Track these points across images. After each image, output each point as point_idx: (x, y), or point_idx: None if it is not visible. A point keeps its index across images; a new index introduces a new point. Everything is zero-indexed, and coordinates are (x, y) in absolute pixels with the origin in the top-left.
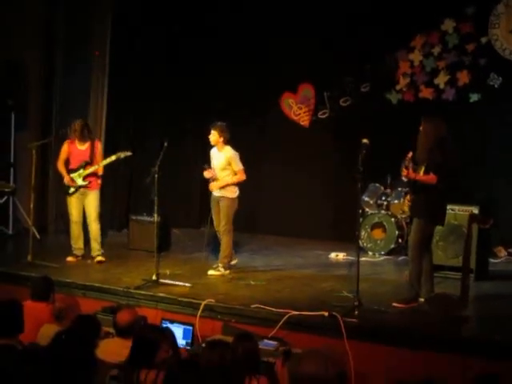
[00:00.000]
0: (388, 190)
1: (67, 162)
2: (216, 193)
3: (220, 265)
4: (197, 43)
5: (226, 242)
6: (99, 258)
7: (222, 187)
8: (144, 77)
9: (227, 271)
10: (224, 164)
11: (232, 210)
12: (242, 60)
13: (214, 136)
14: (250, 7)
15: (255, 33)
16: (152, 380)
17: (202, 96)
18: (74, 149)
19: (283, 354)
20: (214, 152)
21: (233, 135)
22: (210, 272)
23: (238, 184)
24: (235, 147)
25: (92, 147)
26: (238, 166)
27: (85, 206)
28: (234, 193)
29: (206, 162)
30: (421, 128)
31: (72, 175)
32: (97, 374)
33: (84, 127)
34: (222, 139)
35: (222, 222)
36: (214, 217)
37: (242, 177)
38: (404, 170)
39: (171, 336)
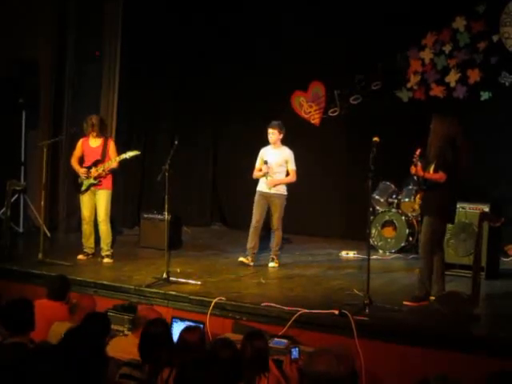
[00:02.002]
0: (398, 189)
1: (81, 160)
2: (268, 190)
3: (275, 257)
4: (209, 43)
5: (278, 236)
6: (106, 260)
7: (276, 185)
8: (156, 76)
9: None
10: (281, 161)
11: (284, 207)
12: (254, 59)
13: (274, 135)
14: (261, 6)
15: (266, 32)
16: (165, 378)
17: (213, 95)
18: (87, 147)
19: (290, 352)
20: (267, 150)
21: (244, 134)
22: (271, 264)
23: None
24: (247, 146)
25: (105, 145)
26: (294, 165)
27: (96, 205)
28: (285, 190)
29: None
30: (431, 126)
31: None
32: (107, 372)
33: (102, 121)
34: (281, 136)
35: (275, 217)
36: (255, 211)
37: (293, 177)
38: (412, 167)
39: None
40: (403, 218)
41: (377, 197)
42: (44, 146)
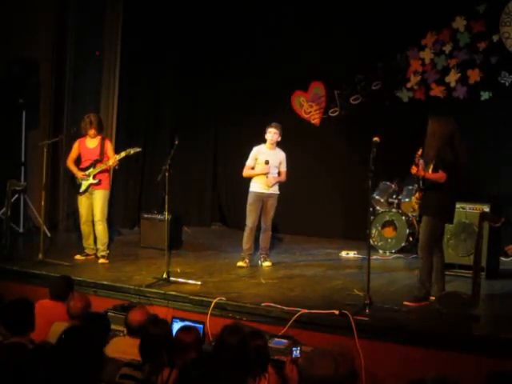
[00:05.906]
0: (398, 188)
1: (78, 162)
2: (265, 190)
3: (267, 256)
4: (209, 43)
5: (269, 236)
6: (102, 260)
7: (274, 185)
8: (156, 76)
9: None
10: (277, 163)
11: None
12: (254, 58)
13: (276, 134)
14: (261, 5)
15: (266, 31)
16: (165, 378)
17: (214, 95)
18: (84, 147)
19: (290, 352)
20: (262, 149)
21: (244, 134)
22: (267, 264)
23: None
24: (247, 146)
25: (102, 145)
26: (286, 167)
27: (92, 204)
28: (278, 190)
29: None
30: (428, 128)
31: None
32: (106, 372)
33: (100, 120)
34: (279, 138)
35: (269, 217)
36: (251, 213)
37: (285, 178)
38: (414, 167)
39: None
40: (403, 218)
41: (377, 197)
42: (44, 146)
